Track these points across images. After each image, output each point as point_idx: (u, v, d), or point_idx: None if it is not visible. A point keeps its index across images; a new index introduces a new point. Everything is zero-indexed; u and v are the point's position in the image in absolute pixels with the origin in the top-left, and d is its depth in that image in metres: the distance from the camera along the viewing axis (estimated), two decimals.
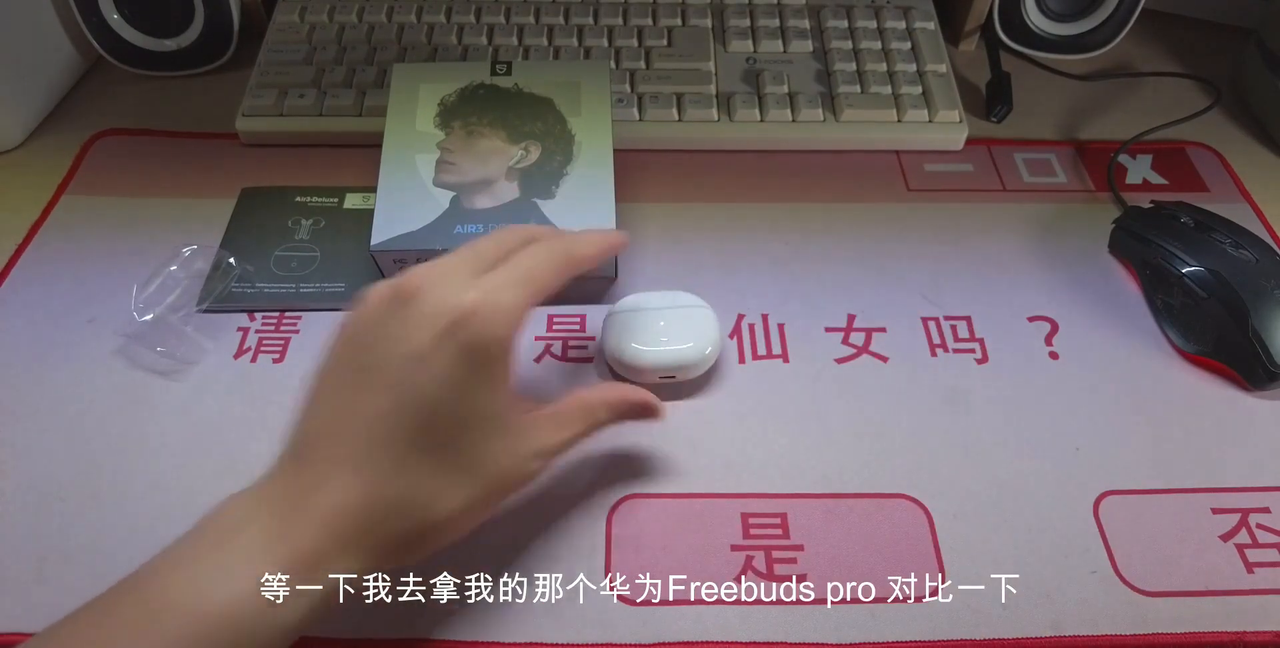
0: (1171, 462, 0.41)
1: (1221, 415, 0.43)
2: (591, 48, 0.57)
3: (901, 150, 0.55)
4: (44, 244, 0.49)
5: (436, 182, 0.46)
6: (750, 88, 0.55)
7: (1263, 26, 0.57)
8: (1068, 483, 0.40)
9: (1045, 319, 0.46)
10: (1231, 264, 0.43)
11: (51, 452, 0.40)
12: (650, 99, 0.54)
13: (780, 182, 0.53)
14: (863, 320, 0.46)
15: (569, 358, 0.44)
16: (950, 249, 0.49)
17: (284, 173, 0.52)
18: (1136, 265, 0.48)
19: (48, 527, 0.38)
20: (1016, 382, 0.44)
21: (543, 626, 0.35)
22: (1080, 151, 0.55)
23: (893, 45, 0.57)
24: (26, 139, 0.54)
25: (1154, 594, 0.37)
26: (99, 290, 0.46)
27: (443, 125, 0.47)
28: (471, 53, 0.56)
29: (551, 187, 0.46)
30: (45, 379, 0.43)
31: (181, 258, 0.46)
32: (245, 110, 0.53)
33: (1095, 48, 0.60)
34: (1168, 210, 0.47)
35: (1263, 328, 0.42)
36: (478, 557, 0.37)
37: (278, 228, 0.49)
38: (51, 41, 0.56)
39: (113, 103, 0.57)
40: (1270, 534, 0.38)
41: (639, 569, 0.37)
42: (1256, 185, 0.53)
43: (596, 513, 0.39)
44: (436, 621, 0.35)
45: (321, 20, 0.58)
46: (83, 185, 0.52)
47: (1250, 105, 0.58)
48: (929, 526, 0.38)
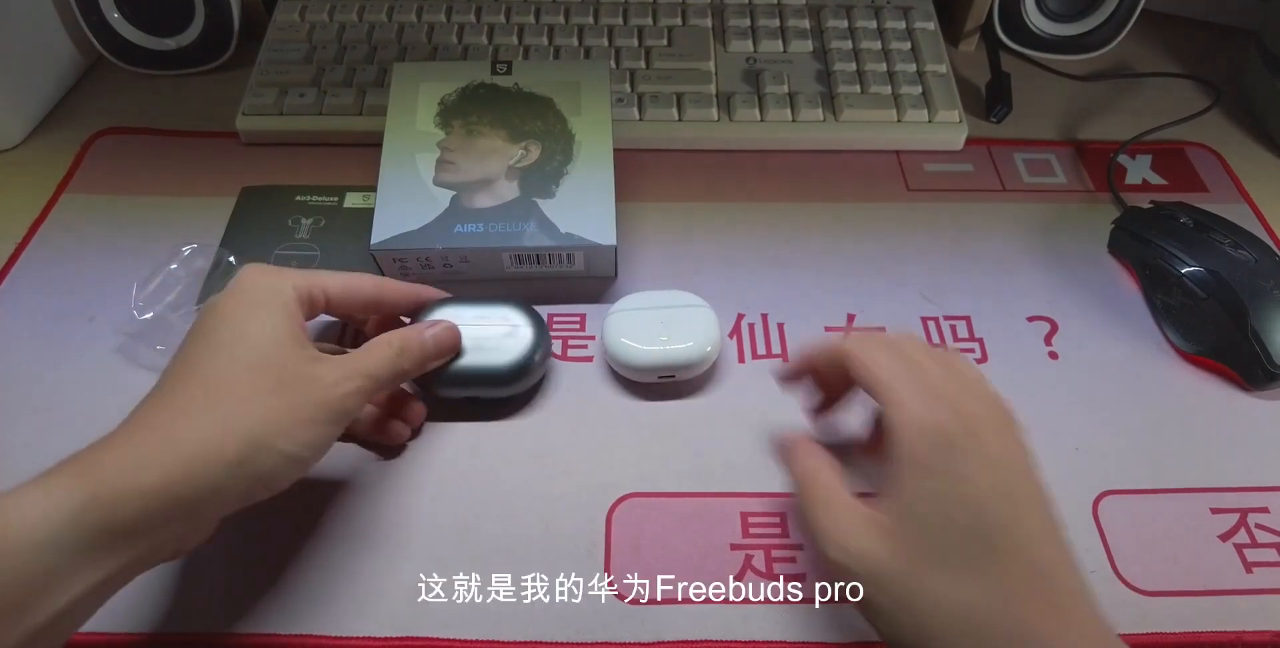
0: (1170, 462, 0.41)
1: (1220, 415, 0.43)
2: (591, 48, 0.57)
3: (901, 150, 0.55)
4: (44, 243, 0.49)
5: (436, 181, 0.46)
6: (750, 88, 0.55)
7: (1263, 27, 0.57)
8: (1067, 483, 0.40)
9: (1045, 319, 0.46)
10: (1231, 264, 0.43)
11: (51, 451, 0.40)
12: (650, 99, 0.54)
13: (780, 181, 0.53)
14: (862, 320, 0.46)
15: (569, 357, 0.44)
16: (950, 249, 0.50)
17: (284, 172, 0.52)
18: (1136, 265, 0.48)
19: None
20: (1016, 382, 0.44)
21: (542, 625, 0.35)
22: (1080, 152, 0.55)
23: (893, 45, 0.57)
24: (26, 138, 0.54)
25: (1153, 594, 0.37)
26: (99, 289, 0.46)
27: (443, 124, 0.47)
28: (472, 52, 0.56)
29: (551, 186, 0.46)
30: (45, 378, 0.43)
31: (181, 256, 0.46)
32: (245, 109, 0.53)
33: (1095, 48, 0.60)
34: (1167, 211, 0.47)
35: (1261, 328, 0.42)
36: (476, 557, 0.37)
37: (278, 227, 0.49)
38: (51, 40, 0.56)
39: (113, 102, 0.57)
40: (1269, 534, 0.38)
41: (638, 569, 0.37)
42: (1256, 186, 0.53)
43: (596, 512, 0.39)
44: (436, 620, 0.35)
45: (322, 19, 0.58)
46: (83, 184, 0.52)
47: (1250, 106, 0.58)
48: None
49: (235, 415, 0.31)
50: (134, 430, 0.30)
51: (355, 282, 0.38)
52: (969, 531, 0.28)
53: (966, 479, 0.28)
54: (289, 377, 0.32)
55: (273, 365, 0.32)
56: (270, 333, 0.33)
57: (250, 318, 0.33)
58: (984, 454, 0.29)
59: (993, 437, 0.30)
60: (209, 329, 0.33)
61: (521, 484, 0.39)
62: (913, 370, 0.31)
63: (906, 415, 0.30)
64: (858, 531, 0.30)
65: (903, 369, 0.31)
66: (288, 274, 0.36)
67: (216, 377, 0.31)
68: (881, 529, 0.29)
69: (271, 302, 0.34)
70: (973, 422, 0.29)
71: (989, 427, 0.30)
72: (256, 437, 0.30)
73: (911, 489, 0.29)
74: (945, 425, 0.29)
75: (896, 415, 0.30)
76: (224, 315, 0.33)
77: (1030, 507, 0.29)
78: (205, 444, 0.30)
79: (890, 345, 0.32)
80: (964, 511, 0.28)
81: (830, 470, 0.33)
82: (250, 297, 0.34)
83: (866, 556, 0.29)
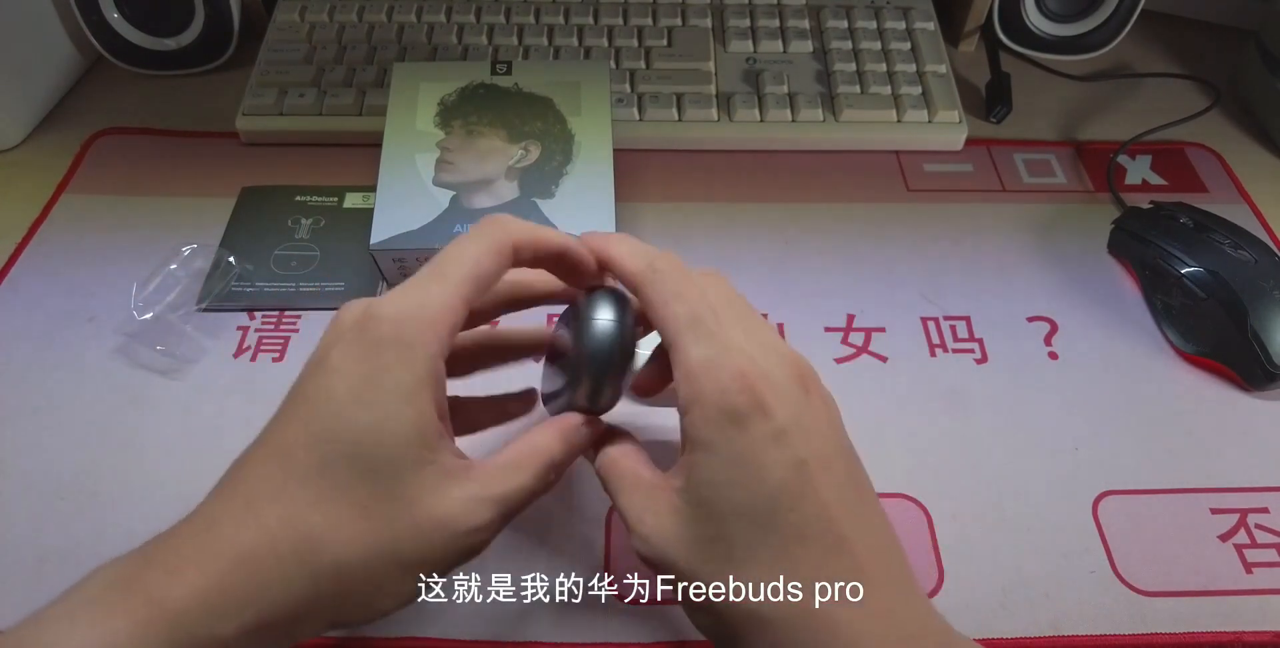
0: (1170, 462, 0.41)
1: (1220, 416, 0.43)
2: (591, 48, 0.57)
3: (901, 150, 0.55)
4: (44, 243, 0.49)
5: (436, 181, 0.46)
6: (750, 88, 0.55)
7: (1263, 27, 0.57)
8: (1067, 483, 0.40)
9: (1044, 319, 0.46)
10: (1230, 265, 0.43)
11: (51, 451, 0.40)
12: (650, 99, 0.54)
13: (780, 181, 0.53)
14: (862, 320, 0.46)
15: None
16: (950, 249, 0.50)
17: (284, 172, 0.52)
18: (1136, 266, 0.48)
19: (48, 527, 0.38)
20: (1016, 382, 0.44)
21: (541, 625, 0.35)
22: (1080, 152, 0.55)
23: (892, 45, 0.57)
24: (26, 138, 0.54)
25: (1153, 594, 0.37)
26: (99, 289, 0.46)
27: (443, 125, 0.47)
28: (471, 52, 0.56)
29: (551, 186, 0.46)
30: (45, 378, 0.43)
31: (181, 257, 0.46)
32: (245, 109, 0.53)
33: (1095, 48, 0.60)
34: (1167, 211, 0.47)
35: (1261, 328, 0.42)
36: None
37: (278, 227, 0.49)
38: (51, 41, 0.56)
39: (113, 102, 0.57)
40: (1269, 534, 0.38)
41: (638, 569, 0.37)
42: (1256, 186, 0.53)
43: (596, 513, 0.39)
44: (436, 620, 0.35)
45: (321, 19, 0.58)
46: (83, 184, 0.52)
47: (1250, 106, 0.58)
48: (928, 525, 0.38)
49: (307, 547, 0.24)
50: (217, 553, 0.24)
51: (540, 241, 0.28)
52: (759, 519, 0.25)
53: (750, 460, 0.25)
54: (390, 494, 0.24)
55: (376, 473, 0.24)
56: (382, 416, 0.24)
57: (367, 388, 0.24)
58: (772, 428, 0.25)
59: (784, 405, 0.25)
60: (309, 388, 0.25)
61: None
62: (703, 323, 0.26)
63: (690, 386, 0.26)
64: (658, 517, 0.26)
65: (693, 322, 0.26)
66: (425, 296, 0.26)
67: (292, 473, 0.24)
68: (674, 512, 0.26)
69: (399, 355, 0.25)
70: (760, 393, 0.25)
71: (780, 393, 0.26)
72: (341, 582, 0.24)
73: (699, 474, 0.26)
74: (730, 401, 0.25)
75: (681, 383, 0.26)
76: (330, 370, 0.25)
77: (830, 475, 0.25)
78: (293, 602, 0.24)
79: (688, 283, 0.28)
80: (751, 497, 0.25)
81: (632, 452, 0.29)
82: (371, 341, 0.25)
83: (664, 542, 0.26)
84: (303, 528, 0.24)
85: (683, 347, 0.26)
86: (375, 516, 0.24)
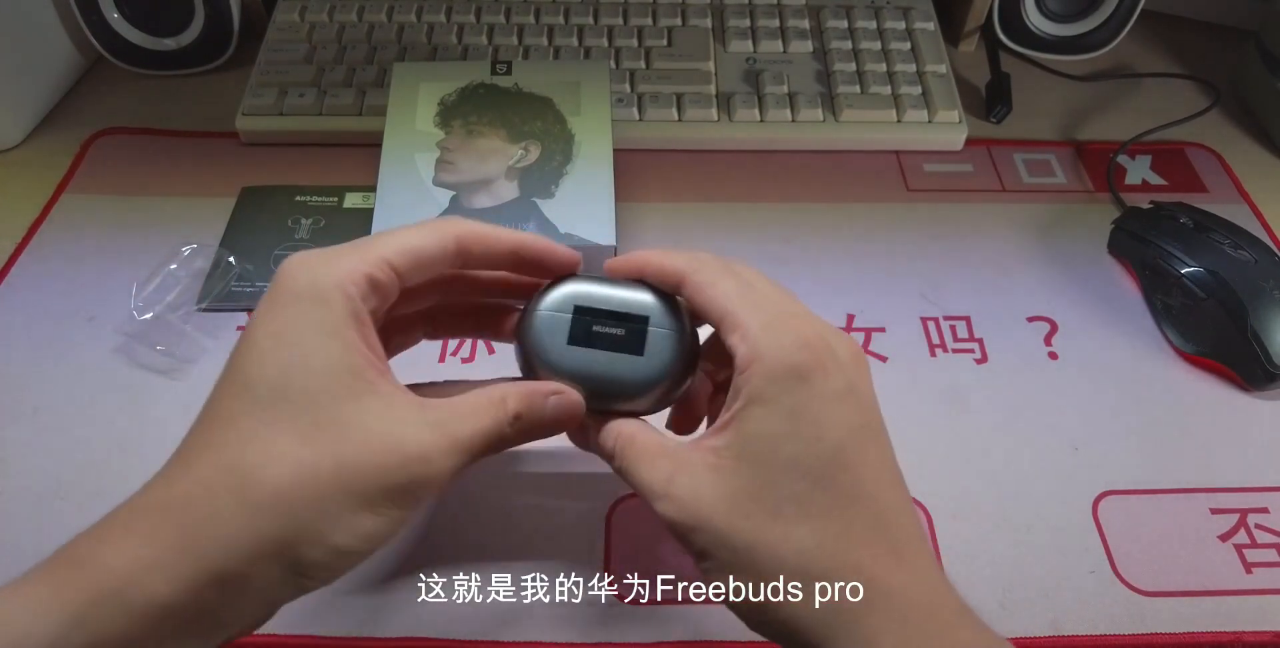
0: (1170, 462, 0.41)
1: (1220, 416, 0.43)
2: (591, 48, 0.57)
3: (901, 150, 0.55)
4: (44, 243, 0.49)
5: (436, 181, 0.46)
6: (750, 88, 0.55)
7: (1263, 27, 0.57)
8: (1067, 483, 0.40)
9: (1044, 319, 0.46)
10: (1230, 265, 0.43)
11: (51, 451, 0.40)
12: (650, 99, 0.54)
13: (780, 181, 0.53)
14: (862, 320, 0.46)
15: None
16: (950, 249, 0.50)
17: (284, 172, 0.52)
18: (1136, 266, 0.48)
19: (48, 527, 0.38)
20: (1015, 382, 0.44)
21: (541, 625, 0.35)
22: (1080, 152, 0.55)
23: (892, 45, 0.57)
24: (26, 138, 0.54)
25: (1153, 594, 0.37)
26: (99, 289, 0.46)
27: (443, 124, 0.47)
28: (471, 52, 0.56)
29: (551, 186, 0.46)
30: (45, 378, 0.43)
31: (181, 257, 0.46)
32: (245, 109, 0.53)
33: (1095, 48, 0.60)
34: (1167, 211, 0.47)
35: (1261, 328, 0.42)
36: (475, 557, 0.37)
37: (278, 227, 0.49)
38: (51, 41, 0.56)
39: (113, 102, 0.57)
40: (1269, 534, 0.38)
41: (638, 569, 0.37)
42: (1255, 186, 0.53)
43: (595, 513, 0.39)
44: (436, 620, 0.35)
45: (321, 19, 0.58)
46: (82, 184, 0.52)
47: (1250, 106, 0.58)
48: (928, 525, 0.38)
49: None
50: (147, 509, 0.24)
51: (454, 234, 0.28)
52: (812, 474, 0.25)
53: (814, 417, 0.25)
54: (327, 420, 0.24)
55: (307, 403, 0.24)
56: (307, 351, 0.25)
57: (285, 330, 0.25)
58: (833, 388, 0.26)
59: (842, 370, 0.26)
60: (235, 352, 0.26)
61: (522, 484, 0.39)
62: (755, 296, 0.27)
63: (750, 346, 0.26)
64: (693, 476, 0.26)
65: (745, 295, 0.27)
66: (339, 256, 0.26)
67: (228, 420, 0.24)
68: (712, 470, 0.26)
69: (313, 301, 0.25)
70: (821, 354, 0.26)
71: (838, 358, 0.26)
72: (296, 528, 0.23)
73: (752, 426, 0.26)
74: (793, 358, 0.25)
75: (740, 345, 0.26)
76: (251, 328, 0.26)
77: (878, 446, 0.27)
78: (234, 542, 0.23)
79: (731, 269, 0.29)
80: (808, 451, 0.25)
81: (645, 426, 0.29)
82: (285, 296, 0.26)
83: (698, 501, 0.26)
84: (238, 465, 0.24)
85: (741, 315, 0.27)
86: (315, 441, 0.24)
